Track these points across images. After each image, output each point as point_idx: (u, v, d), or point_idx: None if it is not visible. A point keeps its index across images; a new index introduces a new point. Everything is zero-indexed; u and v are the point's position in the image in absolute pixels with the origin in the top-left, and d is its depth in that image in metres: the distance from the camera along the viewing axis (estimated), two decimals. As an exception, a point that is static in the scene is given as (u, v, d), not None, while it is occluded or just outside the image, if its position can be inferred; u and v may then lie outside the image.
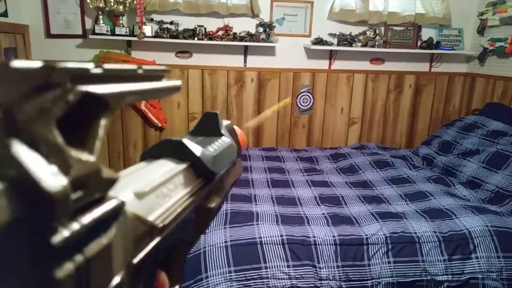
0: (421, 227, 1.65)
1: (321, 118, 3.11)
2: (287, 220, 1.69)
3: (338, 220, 1.72)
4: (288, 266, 1.46)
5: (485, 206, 1.90)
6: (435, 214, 1.78)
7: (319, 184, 2.18)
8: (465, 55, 3.13)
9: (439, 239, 1.60)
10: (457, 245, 1.60)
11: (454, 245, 1.59)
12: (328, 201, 1.94)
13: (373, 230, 1.62)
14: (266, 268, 1.45)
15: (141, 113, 2.84)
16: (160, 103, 2.87)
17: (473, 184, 2.19)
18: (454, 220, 1.72)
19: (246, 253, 1.48)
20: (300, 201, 1.93)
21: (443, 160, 2.51)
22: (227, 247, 1.49)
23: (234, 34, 2.74)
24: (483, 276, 1.55)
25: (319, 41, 2.85)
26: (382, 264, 1.52)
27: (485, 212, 1.77)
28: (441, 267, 1.54)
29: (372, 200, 1.97)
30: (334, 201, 1.95)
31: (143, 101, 2.83)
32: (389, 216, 1.75)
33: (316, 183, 2.18)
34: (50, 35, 2.66)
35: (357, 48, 2.89)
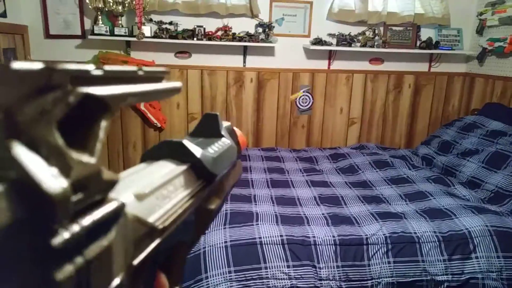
0: (421, 227, 1.65)
1: (321, 118, 3.11)
2: (287, 220, 1.69)
3: (338, 220, 1.72)
4: (288, 266, 1.46)
5: (484, 206, 1.90)
6: (435, 214, 1.78)
7: (319, 184, 2.18)
8: (464, 55, 3.14)
9: (439, 239, 1.60)
10: (457, 245, 1.60)
11: (454, 245, 1.60)
12: (328, 201, 1.94)
13: (373, 230, 1.62)
14: (266, 268, 1.45)
15: (140, 113, 2.84)
16: (159, 104, 2.87)
17: (472, 184, 2.20)
18: (454, 220, 1.72)
19: (246, 253, 1.48)
20: (300, 201, 1.93)
21: (442, 160, 2.52)
22: (227, 247, 1.48)
23: (233, 34, 2.74)
24: (483, 276, 1.55)
25: (318, 41, 2.85)
26: (382, 264, 1.52)
27: (485, 212, 1.77)
28: (441, 267, 1.54)
29: (371, 200, 1.97)
30: (333, 201, 1.95)
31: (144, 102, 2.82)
32: (389, 216, 1.75)
33: (315, 183, 2.18)
34: (49, 36, 2.66)
35: (356, 48, 2.89)
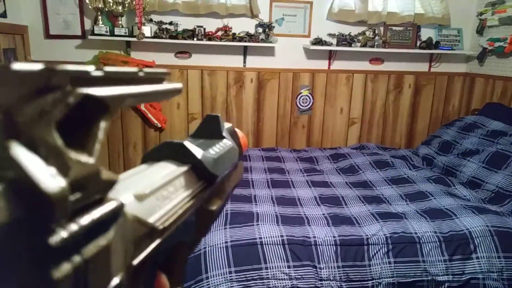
0: (421, 227, 1.65)
1: (321, 118, 3.11)
2: (287, 220, 1.69)
3: (338, 220, 1.72)
4: (289, 267, 1.46)
5: (485, 206, 1.90)
6: (435, 214, 1.78)
7: (319, 184, 2.18)
8: (465, 55, 3.14)
9: (440, 239, 1.60)
10: (457, 245, 1.60)
11: (455, 245, 1.59)
12: (328, 201, 1.94)
13: (373, 231, 1.62)
14: (266, 268, 1.44)
15: (140, 113, 2.84)
16: (159, 104, 2.86)
17: (473, 184, 2.19)
18: (455, 220, 1.72)
19: (246, 253, 1.48)
20: (300, 202, 1.93)
21: (443, 160, 2.51)
22: (227, 247, 1.48)
23: (234, 34, 2.74)
24: (484, 276, 1.55)
25: (318, 41, 2.85)
26: (382, 264, 1.52)
27: (486, 212, 1.77)
28: (441, 267, 1.54)
29: (372, 200, 1.97)
30: (334, 201, 1.95)
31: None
32: (389, 216, 1.75)
33: (316, 184, 2.18)
34: (49, 36, 2.66)
35: (356, 48, 2.89)
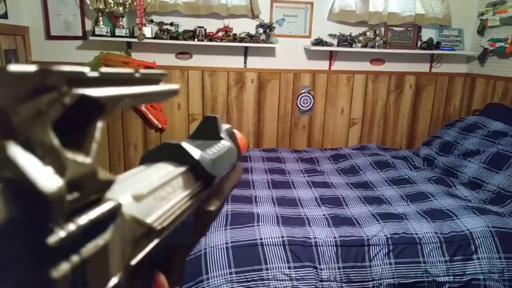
0: (422, 228, 1.65)
1: (322, 119, 3.11)
2: (287, 221, 1.68)
3: (339, 221, 1.72)
4: (289, 268, 1.46)
5: (486, 206, 1.90)
6: (436, 215, 1.78)
7: (320, 185, 2.18)
8: (465, 55, 3.13)
9: (440, 240, 1.60)
10: (458, 246, 1.59)
11: (456, 246, 1.59)
12: (329, 202, 1.94)
13: (374, 231, 1.62)
14: (267, 269, 1.44)
15: (141, 114, 2.85)
16: (160, 105, 2.87)
17: (474, 184, 2.19)
18: (455, 221, 1.72)
19: (246, 254, 1.48)
20: (301, 202, 1.92)
21: (443, 161, 2.51)
22: (227, 248, 1.48)
23: (234, 35, 2.74)
24: (485, 277, 1.55)
25: (319, 42, 2.85)
26: (383, 265, 1.52)
27: (486, 213, 1.77)
28: (442, 268, 1.54)
29: (373, 201, 1.97)
30: (334, 202, 1.94)
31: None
32: (390, 217, 1.75)
33: (316, 184, 2.18)
34: (50, 37, 2.67)
35: (357, 48, 2.89)
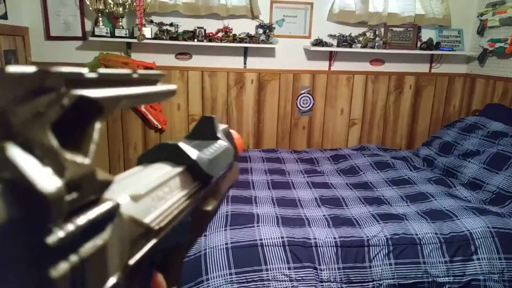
0: (422, 229, 1.65)
1: (321, 119, 3.11)
2: (287, 221, 1.68)
3: (339, 221, 1.72)
4: (289, 268, 1.46)
5: (486, 207, 1.90)
6: (436, 215, 1.78)
7: (320, 185, 2.18)
8: (465, 56, 3.13)
9: (440, 240, 1.60)
10: (458, 246, 1.59)
11: (456, 247, 1.59)
12: (329, 202, 1.94)
13: (374, 232, 1.62)
14: (267, 270, 1.44)
15: (141, 114, 2.85)
16: (160, 105, 2.87)
17: (474, 185, 2.19)
18: (455, 221, 1.72)
19: (246, 255, 1.47)
20: (301, 203, 1.92)
21: (443, 161, 2.51)
22: (227, 249, 1.48)
23: (234, 35, 2.74)
24: (485, 278, 1.54)
25: (318, 42, 2.85)
26: (383, 265, 1.52)
27: (486, 213, 1.77)
28: (442, 269, 1.54)
29: (372, 201, 1.97)
30: (334, 202, 1.94)
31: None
32: (390, 218, 1.75)
33: (316, 185, 2.18)
34: (50, 37, 2.67)
35: (357, 49, 2.89)
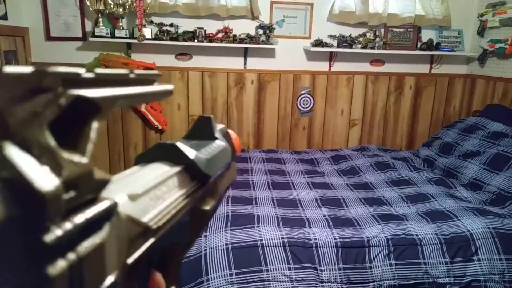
0: (422, 229, 1.65)
1: (322, 120, 3.11)
2: (288, 222, 1.68)
3: (339, 222, 1.72)
4: (289, 269, 1.46)
5: (486, 208, 1.89)
6: (437, 216, 1.78)
7: (320, 186, 2.18)
8: (465, 56, 3.13)
9: (441, 241, 1.60)
10: (458, 247, 1.59)
11: (456, 247, 1.59)
12: (329, 203, 1.94)
13: (374, 232, 1.62)
14: (267, 270, 1.44)
15: (141, 115, 2.85)
16: (160, 105, 2.87)
17: (474, 185, 2.19)
18: (456, 222, 1.71)
19: (247, 255, 1.47)
20: (301, 203, 1.92)
21: (444, 162, 2.51)
22: (228, 249, 1.48)
23: (234, 36, 2.75)
24: (485, 279, 1.54)
25: (319, 43, 2.85)
26: (383, 266, 1.52)
27: (487, 214, 1.76)
28: (443, 270, 1.54)
29: (373, 202, 1.97)
30: (335, 203, 1.94)
31: (143, 104, 2.85)
32: (390, 218, 1.75)
33: (317, 185, 2.18)
34: (50, 38, 2.67)
35: (357, 49, 2.89)
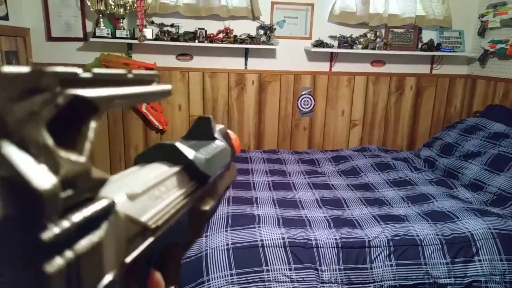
0: (423, 230, 1.65)
1: (322, 120, 3.11)
2: (288, 222, 1.68)
3: (340, 222, 1.71)
4: (290, 269, 1.46)
5: (487, 208, 1.89)
6: (437, 216, 1.78)
7: (321, 186, 2.18)
8: (466, 57, 3.13)
9: (442, 241, 1.59)
10: (459, 247, 1.59)
11: (457, 248, 1.59)
12: (330, 203, 1.93)
13: (375, 233, 1.62)
14: (267, 271, 1.44)
15: (142, 115, 2.85)
16: (161, 106, 2.87)
17: (475, 186, 2.18)
18: (457, 222, 1.71)
19: (247, 256, 1.47)
20: (302, 204, 1.92)
21: (444, 162, 2.50)
22: (228, 250, 1.48)
23: (235, 36, 2.75)
24: (486, 279, 1.54)
25: (319, 44, 2.85)
26: (384, 267, 1.51)
27: (488, 215, 1.76)
28: (443, 270, 1.53)
29: (374, 202, 1.97)
30: (335, 203, 1.94)
31: (144, 104, 2.85)
32: (391, 219, 1.74)
33: (317, 186, 2.18)
34: (51, 38, 2.67)
35: (357, 50, 2.89)
